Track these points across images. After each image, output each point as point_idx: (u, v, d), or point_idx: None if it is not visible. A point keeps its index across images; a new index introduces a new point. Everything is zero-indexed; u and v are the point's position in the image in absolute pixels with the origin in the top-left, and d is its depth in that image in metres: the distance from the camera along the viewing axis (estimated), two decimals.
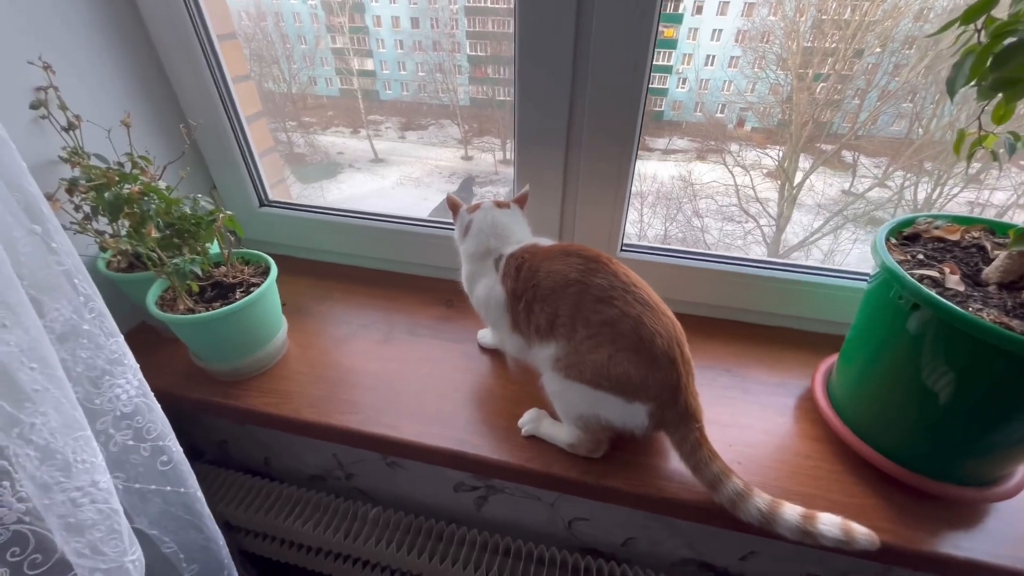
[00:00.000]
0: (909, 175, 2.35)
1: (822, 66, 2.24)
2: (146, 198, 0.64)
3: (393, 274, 1.04)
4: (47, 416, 0.46)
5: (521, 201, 0.78)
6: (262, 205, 1.04)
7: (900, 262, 0.59)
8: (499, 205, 0.75)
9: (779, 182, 2.65)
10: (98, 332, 0.52)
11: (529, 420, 0.70)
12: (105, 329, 0.53)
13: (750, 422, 0.72)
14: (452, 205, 0.78)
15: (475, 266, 0.74)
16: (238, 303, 0.71)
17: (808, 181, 2.57)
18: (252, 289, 0.74)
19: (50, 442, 0.47)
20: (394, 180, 3.53)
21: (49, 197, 0.66)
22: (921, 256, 0.61)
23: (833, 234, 2.58)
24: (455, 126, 3.46)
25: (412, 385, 0.78)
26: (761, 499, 0.53)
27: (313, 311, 0.94)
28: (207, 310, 0.71)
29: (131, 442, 0.58)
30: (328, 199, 3.37)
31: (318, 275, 1.04)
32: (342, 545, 0.93)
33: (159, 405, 0.61)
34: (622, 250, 0.89)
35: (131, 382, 0.56)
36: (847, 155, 2.54)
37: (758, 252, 2.64)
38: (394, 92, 3.55)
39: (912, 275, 0.56)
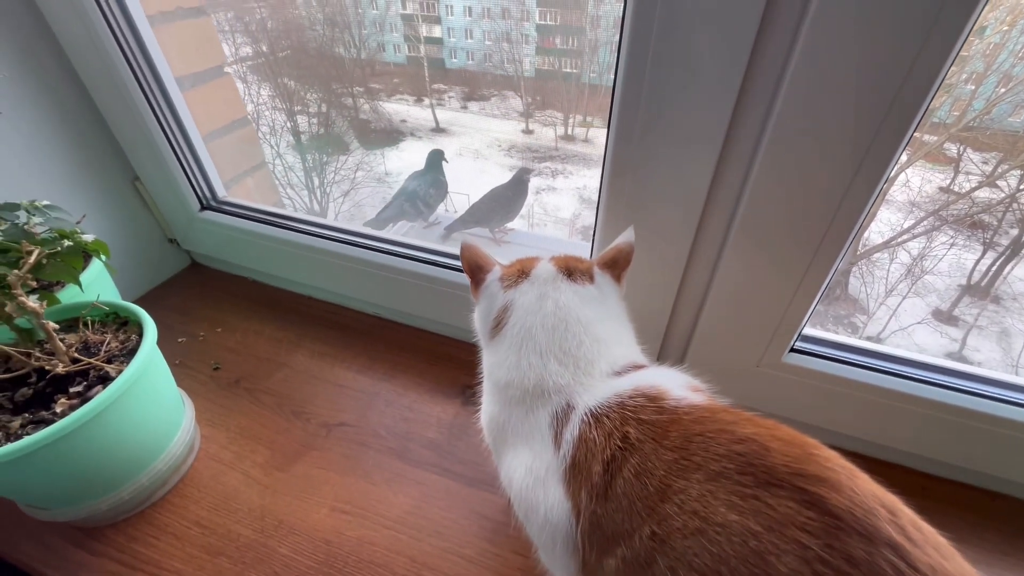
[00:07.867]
0: None
1: None
2: None
3: (392, 325, 0.68)
4: None
5: (614, 263, 0.37)
6: (204, 208, 0.69)
7: None
8: (569, 270, 0.36)
9: None
10: None
11: None
12: None
13: None
14: (470, 263, 0.39)
15: (509, 412, 0.34)
16: (46, 432, 0.36)
17: (903, 176, 2.25)
18: (109, 380, 0.40)
19: None
20: (453, 151, 3.51)
21: None
22: None
23: (927, 237, 2.27)
24: (518, 98, 3.39)
25: None
26: None
27: (260, 387, 0.60)
28: (18, 429, 0.38)
29: None
30: (388, 167, 3.40)
31: (282, 315, 0.70)
32: None
33: None
34: (792, 351, 0.47)
35: None
36: (951, 148, 2.23)
37: None
38: (459, 61, 3.54)
39: None
